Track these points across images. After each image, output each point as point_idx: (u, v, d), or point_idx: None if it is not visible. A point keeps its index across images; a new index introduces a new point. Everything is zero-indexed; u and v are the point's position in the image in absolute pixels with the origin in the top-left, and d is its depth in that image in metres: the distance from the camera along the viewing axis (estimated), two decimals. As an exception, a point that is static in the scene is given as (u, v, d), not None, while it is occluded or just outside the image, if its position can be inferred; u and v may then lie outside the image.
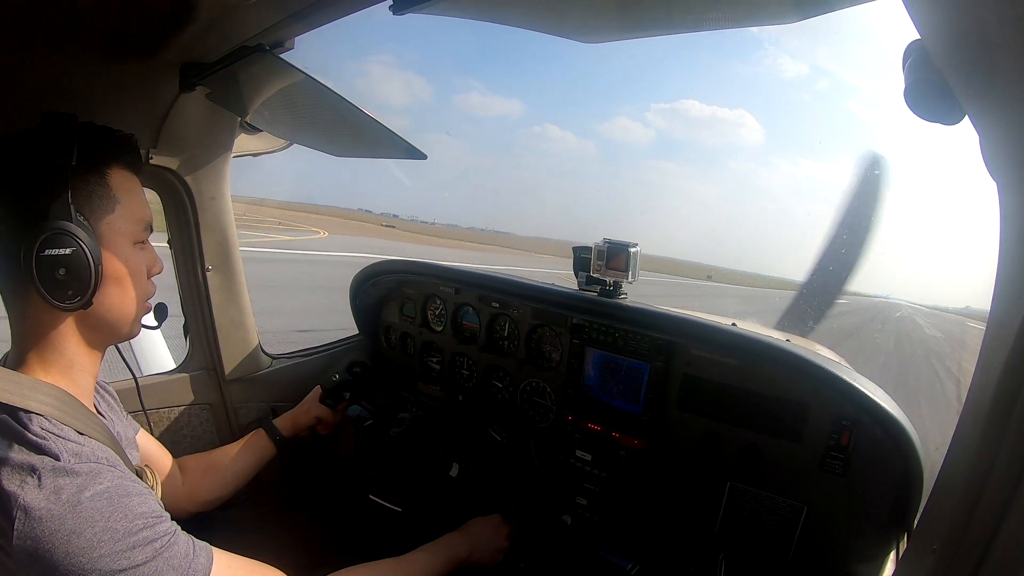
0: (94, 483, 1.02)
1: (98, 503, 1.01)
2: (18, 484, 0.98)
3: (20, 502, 0.97)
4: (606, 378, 1.91)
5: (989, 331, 0.73)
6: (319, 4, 1.29)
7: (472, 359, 2.35)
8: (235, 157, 2.18)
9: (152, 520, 1.07)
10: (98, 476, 1.04)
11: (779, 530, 1.60)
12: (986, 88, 0.64)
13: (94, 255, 1.12)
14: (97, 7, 1.39)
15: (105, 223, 1.18)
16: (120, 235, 1.20)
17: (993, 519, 0.65)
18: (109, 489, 1.04)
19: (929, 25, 0.67)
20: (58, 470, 1.00)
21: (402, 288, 2.59)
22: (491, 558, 1.85)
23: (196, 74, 1.72)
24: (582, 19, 1.30)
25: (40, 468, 1.00)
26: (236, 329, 2.34)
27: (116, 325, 1.24)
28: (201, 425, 2.33)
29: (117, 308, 1.22)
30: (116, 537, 1.00)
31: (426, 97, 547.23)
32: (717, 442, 1.69)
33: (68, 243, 1.08)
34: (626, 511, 1.87)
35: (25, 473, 0.99)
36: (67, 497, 0.99)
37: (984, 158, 0.68)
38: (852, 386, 1.45)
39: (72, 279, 1.10)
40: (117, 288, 1.21)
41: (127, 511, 1.04)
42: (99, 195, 1.17)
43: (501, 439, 2.19)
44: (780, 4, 1.08)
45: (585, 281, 2.02)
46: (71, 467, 1.02)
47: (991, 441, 0.67)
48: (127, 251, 1.22)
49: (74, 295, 1.11)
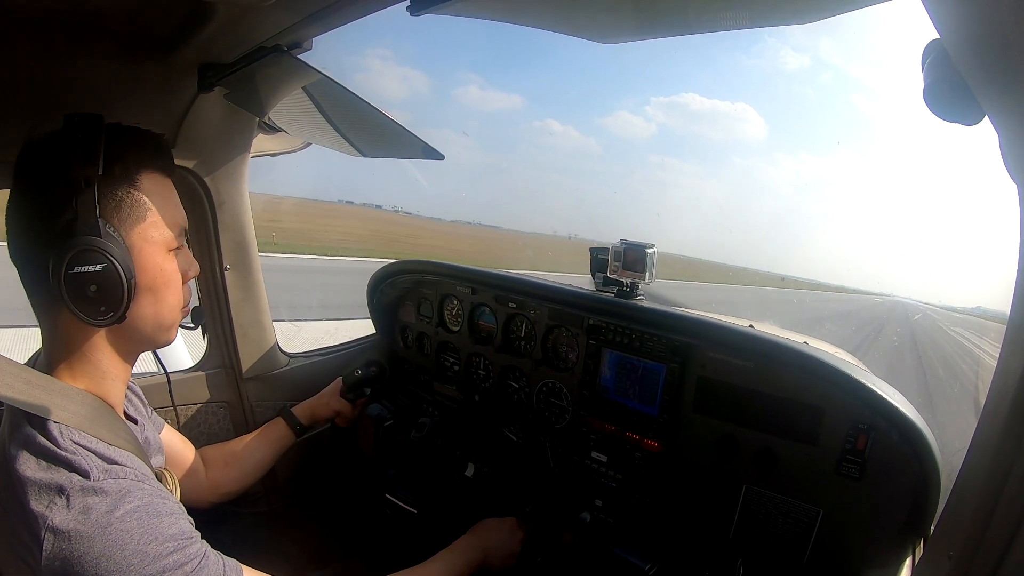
0: (124, 503, 0.99)
1: (128, 524, 0.98)
2: (46, 504, 0.96)
3: (49, 523, 0.94)
4: (622, 379, 1.90)
5: (1008, 334, 0.72)
6: (337, 5, 1.29)
7: (488, 359, 2.35)
8: (253, 157, 2.19)
9: (183, 542, 1.04)
10: (128, 495, 1.01)
11: (794, 534, 1.59)
12: (1007, 88, 0.63)
13: (126, 269, 1.07)
14: (116, 8, 1.40)
15: (137, 232, 1.13)
16: (153, 244, 1.15)
17: (1011, 525, 0.65)
18: (139, 508, 1.00)
19: (948, 24, 0.67)
20: (87, 489, 0.97)
21: (419, 288, 2.60)
22: (503, 563, 1.85)
23: (214, 74, 1.73)
24: (599, 20, 1.30)
25: (68, 488, 0.96)
26: (253, 328, 2.36)
27: (151, 335, 1.21)
28: (218, 423, 2.35)
29: (152, 318, 1.18)
30: (146, 561, 0.97)
31: (424, 92, 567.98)
32: (733, 445, 1.68)
33: (98, 259, 1.04)
34: (642, 513, 1.86)
35: (53, 493, 0.96)
36: (96, 518, 0.96)
37: (1004, 159, 0.68)
38: (869, 389, 1.43)
39: (104, 295, 1.06)
40: (152, 298, 1.16)
41: (158, 533, 1.00)
42: (129, 204, 1.12)
43: (517, 440, 2.19)
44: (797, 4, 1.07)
45: (602, 282, 2.01)
46: (100, 486, 0.98)
47: (1010, 446, 0.66)
48: (161, 259, 1.17)
49: (107, 311, 1.07)
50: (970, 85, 0.68)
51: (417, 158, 1.98)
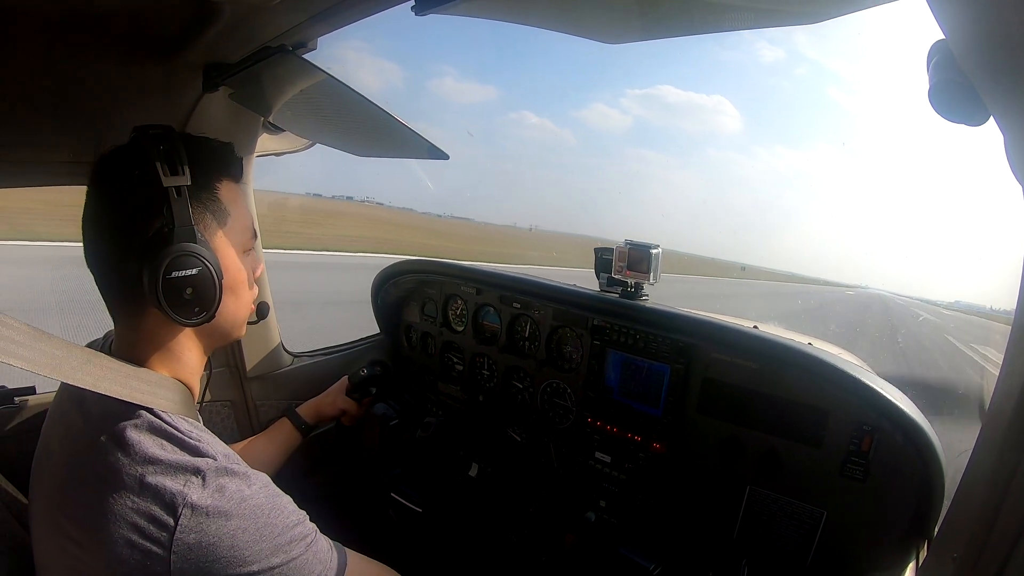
0: (251, 482, 1.07)
1: (258, 500, 1.05)
2: (183, 483, 1.00)
3: (188, 500, 0.99)
4: (626, 380, 1.90)
5: (1013, 335, 0.72)
6: (342, 5, 1.29)
7: (492, 359, 2.35)
8: (257, 157, 2.20)
9: (301, 517, 1.13)
10: (251, 475, 1.08)
11: (798, 535, 1.59)
12: (1013, 89, 0.63)
13: (217, 272, 1.14)
14: (120, 9, 1.40)
15: (219, 237, 1.19)
16: (232, 246, 1.22)
17: (1015, 527, 0.64)
18: (263, 488, 1.08)
19: (954, 25, 0.66)
20: (220, 470, 1.04)
21: (423, 288, 2.60)
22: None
23: (219, 74, 1.74)
24: (603, 20, 1.30)
25: (204, 469, 1.02)
26: (257, 327, 2.36)
27: (229, 331, 1.28)
28: (222, 422, 2.35)
29: (231, 315, 1.25)
30: (276, 532, 1.05)
31: (399, 84, 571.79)
32: (737, 446, 1.68)
33: (194, 264, 1.10)
34: (645, 514, 1.86)
35: (189, 473, 1.02)
36: (231, 495, 1.02)
37: (1009, 160, 0.67)
38: (873, 391, 1.43)
39: (199, 297, 1.12)
40: (232, 297, 1.23)
41: (282, 508, 1.10)
42: (212, 210, 1.18)
43: (521, 440, 2.19)
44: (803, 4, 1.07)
45: (606, 282, 2.02)
46: (230, 467, 1.06)
47: (1014, 448, 0.66)
48: (239, 260, 1.24)
49: (200, 311, 1.13)
50: (976, 86, 0.67)
51: (422, 158, 1.98)
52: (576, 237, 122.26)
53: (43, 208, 12.93)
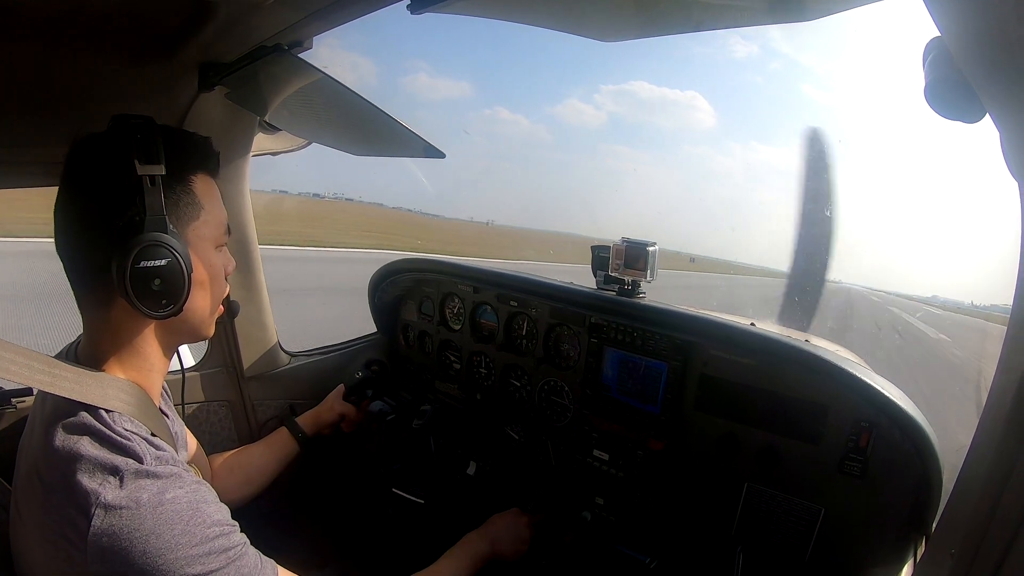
0: (174, 487, 1.04)
1: (178, 506, 1.02)
2: (99, 482, 0.99)
3: (101, 499, 0.97)
4: (624, 378, 1.90)
5: (1010, 332, 0.72)
6: (337, 4, 1.29)
7: (490, 358, 2.35)
8: (254, 156, 2.19)
9: (227, 528, 1.09)
10: (179, 479, 1.05)
11: (796, 532, 1.59)
12: (1009, 86, 0.63)
13: (187, 264, 1.12)
14: (117, 8, 1.40)
15: (191, 230, 1.18)
16: (205, 241, 1.21)
17: (1013, 522, 0.65)
18: (188, 493, 1.05)
19: (949, 22, 0.67)
20: (140, 472, 1.01)
21: (420, 286, 2.60)
22: (514, 549, 1.85)
23: (215, 74, 1.74)
24: (601, 19, 1.30)
25: (123, 469, 1.00)
26: (255, 327, 2.36)
27: (197, 328, 1.26)
28: (220, 422, 2.35)
29: (199, 311, 1.23)
30: (194, 541, 1.01)
31: (371, 80, 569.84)
32: (735, 443, 1.68)
33: (163, 254, 1.09)
34: (643, 511, 1.86)
35: (107, 472, 1.00)
36: (148, 498, 0.99)
37: (1005, 157, 0.67)
38: (871, 387, 1.43)
39: (167, 289, 1.10)
40: (201, 292, 1.21)
41: (205, 517, 1.05)
42: (185, 203, 1.17)
43: (519, 438, 2.19)
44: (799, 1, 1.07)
45: (603, 280, 2.01)
46: (153, 470, 1.03)
47: (1012, 443, 0.66)
48: (210, 256, 1.23)
49: (167, 304, 1.12)
50: (971, 83, 0.68)
51: (418, 156, 1.97)
52: (536, 232, 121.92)
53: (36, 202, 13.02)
